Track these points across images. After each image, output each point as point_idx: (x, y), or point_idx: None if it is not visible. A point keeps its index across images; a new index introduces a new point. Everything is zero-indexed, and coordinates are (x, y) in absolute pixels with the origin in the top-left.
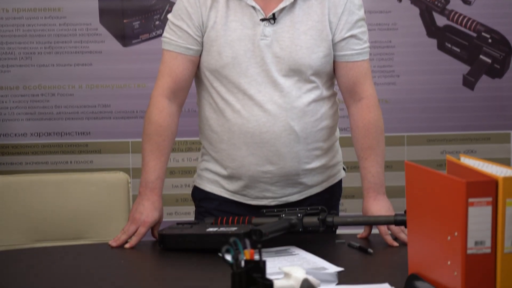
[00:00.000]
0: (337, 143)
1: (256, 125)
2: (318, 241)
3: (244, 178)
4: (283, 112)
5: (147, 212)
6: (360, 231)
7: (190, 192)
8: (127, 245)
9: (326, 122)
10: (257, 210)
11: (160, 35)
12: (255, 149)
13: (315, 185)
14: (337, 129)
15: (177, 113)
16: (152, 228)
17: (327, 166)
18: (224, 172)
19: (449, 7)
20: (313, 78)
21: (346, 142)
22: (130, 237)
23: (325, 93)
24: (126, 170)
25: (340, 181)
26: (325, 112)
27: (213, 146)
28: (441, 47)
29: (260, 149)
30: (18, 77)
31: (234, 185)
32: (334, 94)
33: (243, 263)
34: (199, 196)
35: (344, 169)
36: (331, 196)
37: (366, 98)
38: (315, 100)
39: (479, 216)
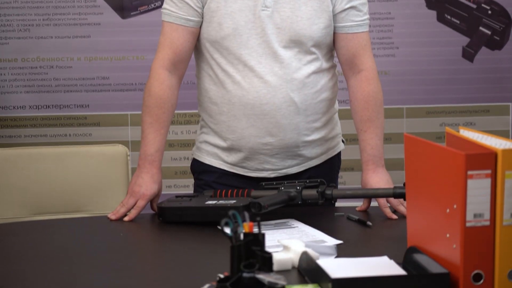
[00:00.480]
0: (336, 116)
1: (256, 97)
2: (317, 214)
3: (244, 150)
4: (283, 84)
5: (146, 185)
6: (359, 204)
7: (189, 165)
8: (126, 218)
9: (326, 94)
10: (257, 182)
11: (159, 6)
12: (255, 120)
13: (315, 157)
14: (336, 102)
15: (177, 85)
16: (151, 201)
17: (326, 138)
18: (223, 144)
19: None
20: (313, 49)
21: (345, 115)
22: (129, 210)
23: (325, 65)
24: (125, 143)
25: (339, 154)
26: (325, 84)
27: (213, 118)
28: (440, 18)
29: (260, 121)
30: (16, 50)
31: (233, 157)
32: (333, 66)
33: (242, 236)
34: (198, 169)
35: (343, 141)
36: (330, 168)
37: (365, 70)
38: (315, 72)
39: (478, 189)
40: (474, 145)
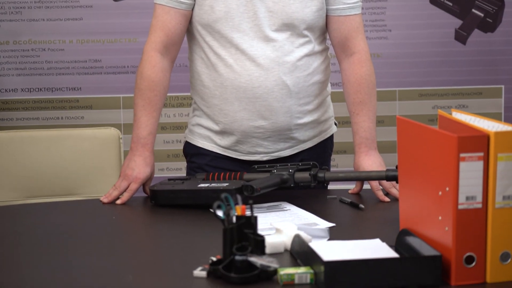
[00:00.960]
0: (329, 98)
1: (248, 80)
2: (310, 197)
3: (236, 133)
4: (276, 67)
5: (139, 168)
6: (351, 186)
7: (182, 148)
8: (118, 201)
9: (318, 77)
10: (249, 165)
11: None
12: (247, 104)
13: (307, 140)
14: (329, 84)
15: (169, 68)
16: (144, 184)
17: (319, 121)
18: (216, 127)
19: None
20: (306, 32)
21: (337, 97)
22: (121, 193)
23: (317, 47)
24: (117, 126)
25: (331, 136)
26: (317, 66)
27: (205, 101)
28: (433, 1)
29: (252, 104)
30: (8, 32)
31: (226, 141)
32: (326, 49)
33: (234, 219)
34: (191, 152)
35: (335, 124)
36: (322, 151)
37: (358, 53)
38: (307, 55)
39: (470, 171)
40: (466, 127)
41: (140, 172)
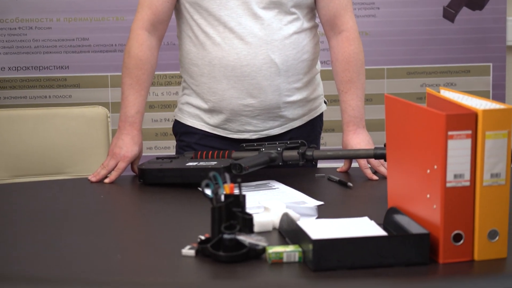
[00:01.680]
0: (318, 76)
1: (236, 58)
2: (298, 175)
3: (225, 112)
4: (264, 45)
5: (127, 147)
6: (340, 165)
7: (170, 126)
8: (106, 180)
9: (307, 55)
10: (238, 144)
11: None
12: (236, 82)
13: (296, 119)
14: (318, 62)
15: (156, 46)
16: (132, 163)
17: (308, 99)
18: (205, 105)
19: None
20: (293, 10)
21: (327, 76)
22: (109, 172)
23: (306, 25)
24: (105, 105)
25: (321, 115)
26: (306, 44)
27: (194, 79)
28: None
29: (241, 82)
30: None
31: (215, 119)
32: (315, 26)
33: (222, 198)
34: (180, 130)
35: (325, 102)
36: (312, 129)
37: (346, 31)
38: (296, 32)
39: (458, 149)
40: (454, 105)
41: (128, 151)
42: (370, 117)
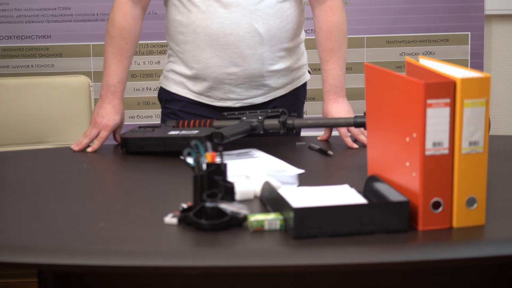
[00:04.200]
0: (302, 45)
1: (220, 27)
2: (279, 144)
3: (209, 80)
4: (248, 14)
5: (109, 115)
6: (321, 133)
7: (152, 95)
8: (89, 149)
9: (291, 24)
10: (222, 112)
11: None
12: (220, 50)
13: (280, 88)
14: (303, 31)
15: (140, 16)
16: (114, 131)
17: (292, 68)
18: (189, 73)
19: None
20: None
21: (312, 45)
22: (92, 141)
23: None
24: (87, 74)
25: (304, 84)
26: (290, 13)
27: (179, 47)
28: None
29: (224, 51)
30: None
31: (198, 86)
32: None
33: (204, 166)
34: (165, 97)
35: (309, 72)
36: (295, 98)
37: (330, 0)
38: (280, 1)
39: (437, 118)
40: (433, 74)
41: (110, 120)
42: (349, 86)
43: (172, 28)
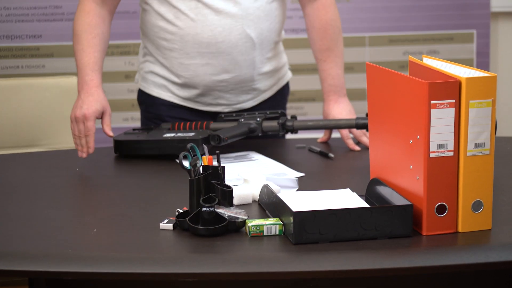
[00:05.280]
0: (281, 44)
1: (211, 35)
2: (278, 146)
3: (199, 87)
4: (240, 20)
5: (86, 104)
6: (320, 135)
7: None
8: (90, 151)
9: (279, 24)
10: (210, 117)
11: None
12: (210, 58)
13: (267, 90)
14: (283, 30)
15: (107, 17)
16: (102, 123)
17: (277, 69)
18: (177, 80)
19: None
20: None
21: (293, 44)
22: (86, 136)
23: None
24: None
25: (288, 83)
26: (278, 13)
27: (161, 52)
28: None
29: (215, 58)
30: None
31: (186, 92)
32: None
33: (201, 170)
34: (146, 101)
35: (289, 69)
36: (281, 98)
37: None
38: (269, 2)
39: (441, 119)
40: (437, 73)
41: (88, 107)
42: (351, 86)
43: (152, 33)
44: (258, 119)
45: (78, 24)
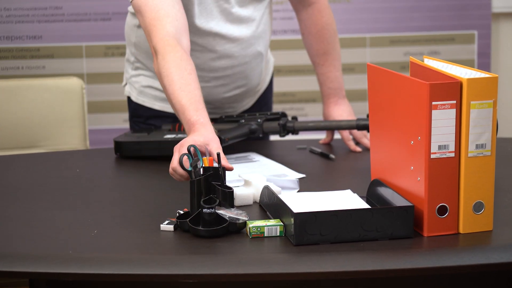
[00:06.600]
0: None
1: (229, 62)
2: (279, 147)
3: (211, 103)
4: (252, 40)
5: (204, 135)
6: (322, 136)
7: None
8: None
9: (270, 27)
10: (214, 121)
11: None
12: (225, 79)
13: (262, 87)
14: None
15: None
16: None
17: (267, 65)
18: None
19: None
20: None
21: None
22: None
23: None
24: (80, 75)
25: (272, 76)
26: (269, 17)
27: None
28: None
29: (230, 79)
30: None
31: None
32: None
33: (201, 171)
34: (146, 114)
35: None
36: (269, 92)
37: (317, 3)
38: (265, 13)
39: (442, 120)
40: (438, 74)
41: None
42: (352, 87)
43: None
44: (259, 120)
45: (167, 61)
